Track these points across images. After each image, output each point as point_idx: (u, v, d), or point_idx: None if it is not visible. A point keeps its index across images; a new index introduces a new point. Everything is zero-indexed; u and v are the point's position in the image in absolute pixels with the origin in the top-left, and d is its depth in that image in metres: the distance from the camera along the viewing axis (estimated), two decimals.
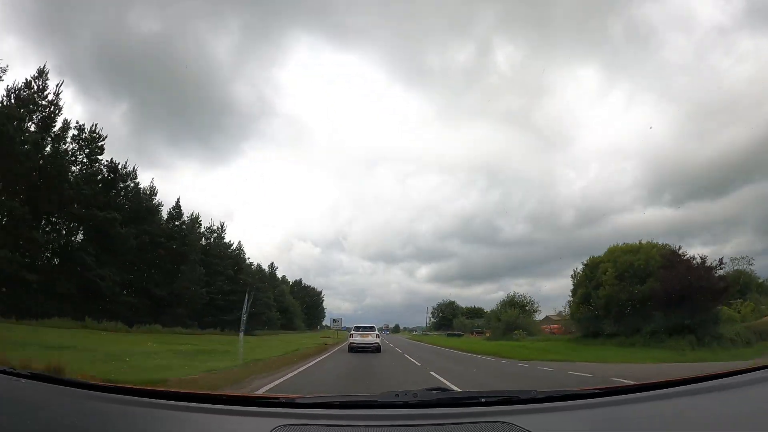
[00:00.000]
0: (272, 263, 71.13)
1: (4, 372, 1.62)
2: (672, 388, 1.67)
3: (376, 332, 20.16)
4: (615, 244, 26.67)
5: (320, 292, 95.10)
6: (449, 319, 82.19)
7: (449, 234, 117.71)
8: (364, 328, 20.30)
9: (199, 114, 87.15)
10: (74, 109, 68.27)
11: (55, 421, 1.40)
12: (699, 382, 1.69)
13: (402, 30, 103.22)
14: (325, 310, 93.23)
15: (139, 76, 74.60)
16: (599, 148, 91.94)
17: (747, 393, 1.58)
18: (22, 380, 1.60)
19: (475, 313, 75.66)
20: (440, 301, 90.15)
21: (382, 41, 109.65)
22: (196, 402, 1.59)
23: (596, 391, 1.68)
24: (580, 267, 28.59)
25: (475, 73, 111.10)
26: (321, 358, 16.46)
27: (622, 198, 79.75)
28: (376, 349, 19.11)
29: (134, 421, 1.47)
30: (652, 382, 1.74)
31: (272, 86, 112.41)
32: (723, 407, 1.53)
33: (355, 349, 19.03)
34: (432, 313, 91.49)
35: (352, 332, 20.21)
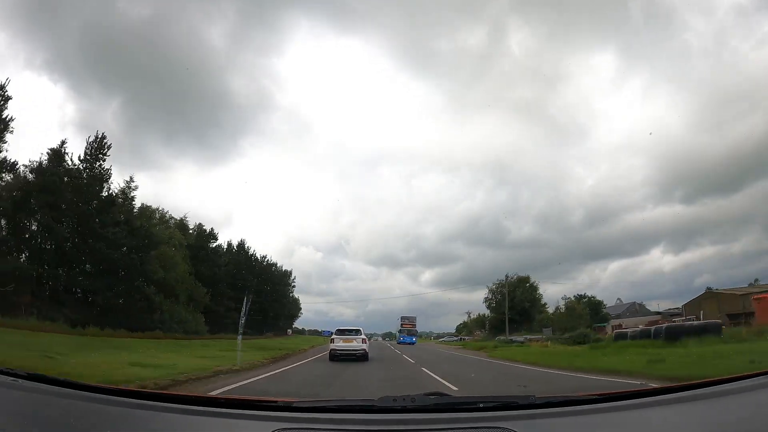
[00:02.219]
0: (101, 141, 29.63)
1: (1, 372, 1.63)
2: (672, 395, 1.67)
3: (363, 336, 17.32)
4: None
5: (287, 274, 58.22)
6: (525, 310, 46.30)
7: (454, 236, 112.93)
8: (348, 332, 17.32)
9: (194, 108, 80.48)
10: (67, 108, 66.43)
11: (51, 421, 1.40)
12: (698, 389, 1.69)
13: (410, 10, 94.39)
14: (300, 306, 64.56)
15: (131, 68, 70.32)
16: (612, 143, 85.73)
17: (747, 399, 1.58)
18: (19, 380, 1.61)
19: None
20: (499, 279, 50.97)
21: (388, 23, 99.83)
22: (195, 405, 1.59)
23: (595, 396, 1.68)
24: None
25: (486, 59, 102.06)
26: None
27: (633, 196, 73.96)
28: (362, 356, 16.43)
29: (132, 424, 1.47)
30: (651, 388, 1.74)
31: (270, 76, 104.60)
32: (723, 413, 1.53)
33: (338, 356, 16.31)
34: (485, 300, 52.66)
35: (334, 336, 17.19)
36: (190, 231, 41.42)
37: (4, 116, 24.77)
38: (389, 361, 17.84)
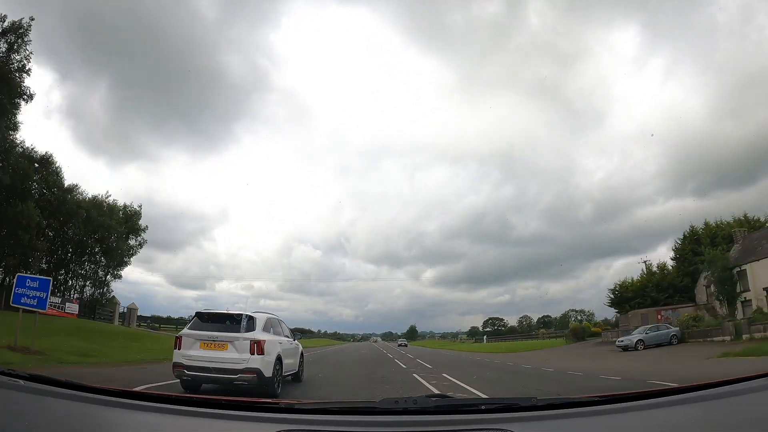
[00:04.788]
0: None
1: (2, 373, 1.63)
2: (675, 396, 1.66)
3: (258, 336, 7.49)
4: None
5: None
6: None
7: (458, 233, 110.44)
8: (220, 321, 7.71)
9: (182, 88, 75.05)
10: (53, 96, 61.45)
11: (53, 423, 1.40)
12: (702, 390, 1.68)
13: None
14: (138, 235, 37.94)
15: (116, 44, 65.67)
16: (627, 131, 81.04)
17: (751, 401, 1.57)
18: (20, 381, 1.61)
19: None
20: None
21: None
22: (196, 406, 1.59)
23: (597, 398, 1.67)
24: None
25: (502, 32, 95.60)
26: None
27: (645, 189, 71.87)
28: (251, 385, 7.09)
29: (134, 426, 1.48)
30: (654, 390, 1.73)
31: (264, 52, 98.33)
32: (728, 415, 1.52)
33: (190, 381, 7.34)
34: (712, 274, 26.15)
35: (185, 332, 7.64)
36: None
37: None
38: None
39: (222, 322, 7.65)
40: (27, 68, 26.85)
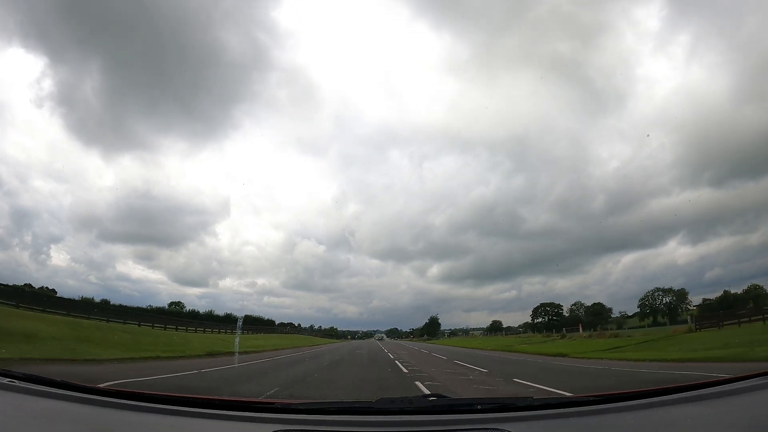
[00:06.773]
0: None
1: None
2: (669, 396, 1.67)
3: None
4: None
5: None
6: None
7: (466, 227, 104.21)
8: None
9: (177, 68, 69.42)
10: (44, 84, 59.43)
11: (48, 423, 1.40)
12: (696, 390, 1.69)
13: None
14: None
15: (108, 23, 61.91)
16: (646, 116, 74.95)
17: (745, 400, 1.58)
18: (16, 381, 1.60)
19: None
20: None
21: None
22: (192, 407, 1.59)
23: (593, 398, 1.68)
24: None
25: (520, 2, 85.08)
26: None
27: (660, 179, 66.57)
28: None
29: (129, 425, 1.47)
30: (649, 389, 1.74)
31: (264, 27, 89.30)
32: (720, 415, 1.53)
33: None
34: None
35: None
36: None
37: None
38: None
39: None
40: None
